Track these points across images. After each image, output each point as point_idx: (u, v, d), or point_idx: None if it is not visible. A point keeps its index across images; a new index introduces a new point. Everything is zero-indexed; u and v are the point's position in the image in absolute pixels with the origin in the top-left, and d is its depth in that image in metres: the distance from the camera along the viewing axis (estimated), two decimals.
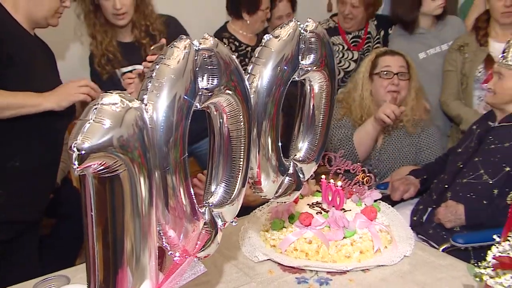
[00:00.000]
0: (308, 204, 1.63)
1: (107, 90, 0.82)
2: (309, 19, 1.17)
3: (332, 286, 1.36)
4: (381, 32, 3.18)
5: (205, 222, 1.00)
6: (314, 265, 1.42)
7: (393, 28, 2.98)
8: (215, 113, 1.02)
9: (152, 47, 1.96)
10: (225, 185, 1.05)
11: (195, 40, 0.94)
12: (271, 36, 1.11)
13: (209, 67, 0.94)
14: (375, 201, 1.66)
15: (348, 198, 1.64)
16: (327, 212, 1.56)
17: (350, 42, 3.13)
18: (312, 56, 1.15)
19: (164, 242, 0.95)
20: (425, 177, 2.24)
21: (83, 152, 0.73)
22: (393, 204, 2.21)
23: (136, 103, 0.83)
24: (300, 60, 1.14)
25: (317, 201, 1.64)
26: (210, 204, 1.03)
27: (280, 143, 1.16)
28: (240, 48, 2.98)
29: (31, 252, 1.90)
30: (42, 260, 2.14)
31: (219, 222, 1.03)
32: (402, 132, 2.41)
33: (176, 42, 0.92)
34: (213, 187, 1.05)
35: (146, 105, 0.86)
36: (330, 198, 1.58)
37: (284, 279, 1.40)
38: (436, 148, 2.46)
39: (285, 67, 1.10)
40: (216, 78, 0.94)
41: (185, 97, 0.90)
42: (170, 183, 0.91)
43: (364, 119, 2.34)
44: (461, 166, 2.05)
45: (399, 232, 1.60)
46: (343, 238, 1.47)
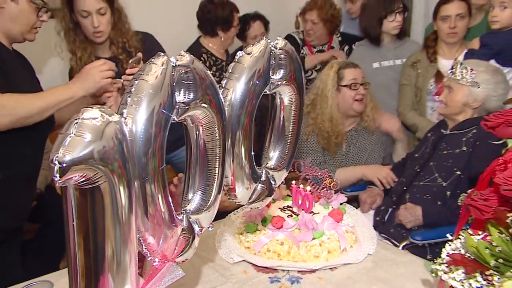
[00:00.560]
0: (279, 208, 1.62)
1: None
2: (278, 37, 1.16)
3: (303, 284, 1.35)
4: (345, 47, 3.32)
5: (183, 229, 0.98)
6: (285, 265, 1.41)
7: (357, 42, 3.03)
8: (191, 125, 1.01)
9: (130, 61, 1.93)
10: (201, 193, 1.03)
11: (172, 56, 0.93)
12: (243, 53, 1.10)
13: (186, 82, 0.92)
14: (341, 204, 1.66)
15: (316, 202, 1.64)
16: (297, 215, 1.55)
17: (315, 54, 3.28)
18: (281, 71, 1.15)
19: (143, 249, 0.93)
20: None
21: (64, 165, 0.71)
22: (358, 205, 2.23)
23: (115, 117, 0.80)
24: (271, 75, 1.13)
25: (288, 205, 1.64)
26: (188, 211, 1.01)
27: (253, 152, 1.15)
28: (217, 62, 2.99)
29: (13, 258, 1.83)
30: (27, 264, 2.09)
31: (196, 228, 1.01)
32: (363, 133, 2.42)
33: (154, 58, 0.90)
34: (190, 195, 1.03)
35: (125, 118, 0.84)
36: (300, 202, 1.58)
37: (258, 278, 1.38)
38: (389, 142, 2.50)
39: (257, 82, 1.09)
40: (192, 92, 0.93)
41: (163, 110, 0.88)
42: (149, 192, 0.89)
43: (331, 130, 2.32)
44: (418, 170, 2.08)
45: (363, 232, 1.60)
46: (312, 239, 1.46)
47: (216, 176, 1.03)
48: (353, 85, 2.29)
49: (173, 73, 0.90)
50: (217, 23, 2.95)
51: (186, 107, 0.93)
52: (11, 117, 1.54)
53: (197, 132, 1.01)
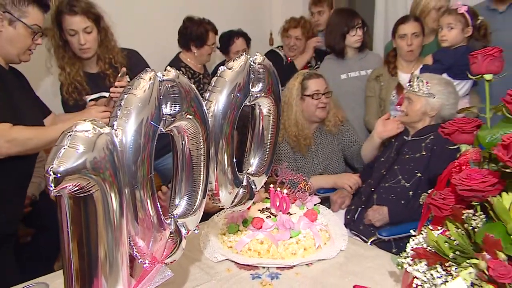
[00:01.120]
0: (259, 210, 1.61)
1: None
2: (257, 53, 1.16)
3: (282, 279, 1.35)
4: (319, 63, 3.34)
5: (171, 232, 0.96)
6: (265, 262, 1.41)
7: (326, 56, 3.07)
8: (177, 135, 0.99)
9: (119, 76, 1.92)
10: (187, 198, 1.02)
11: (159, 72, 0.92)
12: (225, 68, 1.10)
13: (172, 96, 0.91)
14: (315, 205, 1.67)
15: (292, 203, 1.63)
16: (275, 216, 1.55)
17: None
18: (260, 84, 1.15)
19: (134, 251, 0.91)
20: None
21: (58, 175, 0.69)
22: (330, 205, 2.25)
23: (106, 129, 0.79)
24: (250, 88, 1.13)
25: (266, 207, 1.63)
26: (175, 215, 1.00)
27: (234, 159, 1.14)
28: (195, 75, 2.99)
29: (8, 261, 1.77)
30: (23, 267, 2.04)
31: (183, 231, 1.00)
32: (328, 136, 2.44)
33: (142, 74, 0.89)
34: (177, 200, 1.02)
35: (116, 130, 0.83)
36: (277, 204, 1.57)
37: (241, 275, 1.37)
38: (359, 142, 2.51)
39: (238, 94, 1.09)
40: (178, 105, 0.92)
41: (151, 122, 0.87)
42: (139, 198, 0.88)
43: (297, 134, 2.35)
44: (384, 172, 2.10)
45: (336, 230, 1.61)
46: (290, 238, 1.46)
47: (201, 182, 1.02)
48: (315, 94, 2.32)
49: (160, 87, 0.89)
50: (191, 39, 2.96)
51: (173, 119, 0.92)
52: (20, 148, 1.57)
53: (183, 141, 1.00)
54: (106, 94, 2.08)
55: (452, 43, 2.41)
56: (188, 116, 0.95)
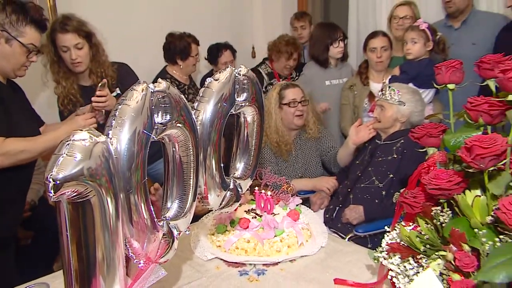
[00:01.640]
0: (245, 211, 1.61)
1: None
2: (241, 66, 1.17)
3: (268, 275, 1.35)
4: (298, 74, 3.35)
5: (163, 233, 0.95)
6: (252, 259, 1.40)
7: (308, 64, 3.07)
8: (168, 142, 0.99)
9: (99, 85, 1.91)
10: (178, 201, 1.02)
11: (151, 83, 0.92)
12: (212, 79, 1.10)
13: (163, 106, 0.91)
14: (297, 205, 1.67)
15: (276, 204, 1.64)
16: (260, 216, 1.55)
17: (280, 80, 3.27)
18: (245, 94, 1.15)
19: (130, 252, 0.90)
20: None
21: (57, 182, 0.69)
22: (310, 205, 2.26)
23: (102, 138, 0.79)
24: (235, 97, 1.13)
25: (252, 208, 1.63)
26: (167, 218, 0.99)
27: (222, 164, 1.14)
28: (180, 86, 2.99)
29: (8, 264, 1.73)
30: (24, 268, 2.05)
31: (175, 232, 0.99)
32: (307, 142, 2.46)
33: (135, 86, 0.89)
34: (169, 204, 1.01)
35: (111, 139, 0.82)
36: (262, 205, 1.57)
37: (229, 272, 1.37)
38: (336, 147, 2.52)
39: (224, 104, 1.09)
40: (169, 114, 0.92)
41: (144, 131, 0.87)
42: (133, 202, 0.87)
43: (278, 140, 2.36)
44: (359, 174, 2.11)
45: (316, 228, 1.61)
46: (274, 236, 1.46)
47: (191, 186, 1.02)
48: (291, 103, 2.34)
49: (151, 98, 0.89)
50: (175, 53, 2.96)
51: (164, 127, 0.92)
52: (13, 160, 1.56)
53: (173, 148, 1.00)
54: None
55: (416, 56, 2.49)
56: (178, 124, 0.94)
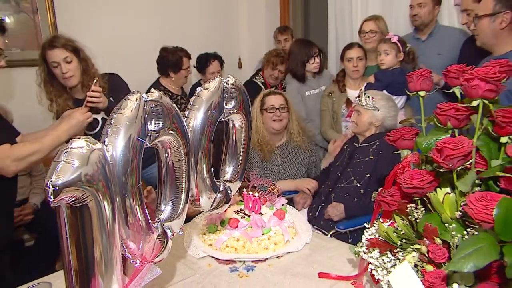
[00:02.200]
0: (234, 211, 1.60)
1: None
2: (229, 75, 1.17)
3: (256, 271, 1.35)
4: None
5: (158, 234, 0.94)
6: (242, 257, 1.40)
7: (288, 79, 3.09)
8: (161, 148, 0.98)
9: (93, 83, 1.93)
10: (171, 204, 1.01)
11: (144, 93, 0.91)
12: (202, 89, 1.10)
13: (156, 114, 0.91)
14: (282, 205, 1.67)
15: (263, 205, 1.64)
16: (249, 216, 1.55)
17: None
18: (233, 102, 1.15)
19: (126, 253, 0.89)
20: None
21: (57, 188, 0.68)
22: (293, 205, 2.26)
23: (99, 145, 0.78)
24: (224, 105, 1.13)
25: (241, 208, 1.62)
26: (161, 220, 0.98)
27: (212, 168, 1.14)
28: (172, 97, 2.96)
29: (3, 270, 1.68)
30: (28, 267, 2.09)
31: (169, 233, 0.99)
32: (296, 148, 2.46)
33: (129, 95, 0.88)
34: (162, 206, 1.00)
35: (107, 146, 0.81)
36: (250, 206, 1.57)
37: (220, 269, 1.36)
38: (320, 161, 2.55)
39: (214, 111, 1.09)
40: (161, 122, 0.92)
41: (138, 138, 0.86)
42: (129, 205, 0.86)
43: (259, 140, 2.37)
44: (339, 175, 2.12)
45: (301, 226, 1.62)
46: (262, 234, 1.46)
47: (183, 189, 1.02)
48: (269, 109, 2.36)
49: (145, 107, 0.89)
50: (168, 66, 2.95)
51: (157, 134, 0.91)
52: (26, 164, 1.52)
53: (166, 154, 0.99)
54: (97, 116, 2.06)
55: (389, 65, 2.55)
56: (171, 131, 0.94)
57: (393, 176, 1.08)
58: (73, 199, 0.72)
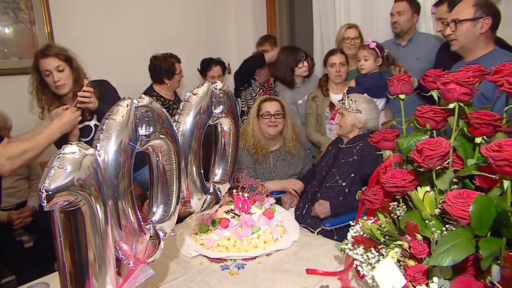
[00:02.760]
0: (225, 211, 1.60)
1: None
2: (217, 81, 1.16)
3: (247, 268, 1.34)
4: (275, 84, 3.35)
5: (150, 236, 0.93)
6: (232, 255, 1.40)
7: (278, 89, 3.08)
8: (152, 152, 0.97)
9: (85, 83, 1.93)
10: (163, 206, 1.00)
11: (135, 99, 0.90)
12: (191, 94, 1.09)
13: (146, 119, 0.90)
14: (271, 205, 1.67)
15: (252, 205, 1.63)
16: (239, 216, 1.54)
17: (260, 86, 3.27)
18: (221, 106, 1.15)
19: (120, 254, 0.87)
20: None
21: (50, 192, 0.66)
22: (281, 204, 2.26)
23: (91, 150, 0.76)
24: (213, 110, 1.13)
25: (231, 209, 1.62)
26: (153, 221, 0.97)
27: (202, 170, 1.13)
28: (165, 103, 2.93)
29: None
30: (27, 268, 2.07)
31: (161, 234, 0.98)
32: (288, 154, 2.47)
33: (120, 101, 0.87)
34: (154, 209, 0.99)
35: (99, 151, 0.80)
36: (240, 206, 1.57)
37: (212, 268, 1.35)
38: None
39: (203, 116, 1.08)
40: (152, 127, 0.91)
41: (129, 142, 0.85)
42: (121, 208, 0.85)
43: (254, 143, 2.37)
44: (324, 175, 2.13)
45: (289, 224, 1.62)
46: (252, 233, 1.46)
47: (174, 191, 1.01)
48: (265, 115, 2.36)
49: (136, 112, 0.88)
50: (161, 73, 2.92)
51: (148, 139, 0.91)
52: (21, 162, 1.51)
53: (157, 158, 0.98)
54: (89, 123, 2.04)
55: (368, 70, 2.58)
56: (161, 136, 0.93)
57: (376, 175, 1.09)
58: (66, 203, 0.70)
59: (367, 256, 0.99)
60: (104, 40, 3.20)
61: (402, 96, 1.08)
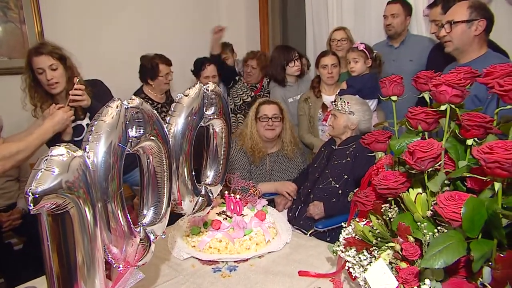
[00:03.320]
0: (216, 213, 1.59)
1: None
2: (209, 82, 1.15)
3: (239, 270, 1.33)
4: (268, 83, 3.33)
5: (141, 238, 0.92)
6: (224, 257, 1.39)
7: (271, 87, 3.09)
8: (143, 154, 0.96)
9: (76, 81, 1.90)
10: (154, 208, 0.99)
11: (125, 100, 0.89)
12: (182, 95, 1.08)
13: (137, 120, 0.89)
14: (263, 206, 1.67)
15: (244, 206, 1.63)
16: (231, 218, 1.54)
17: (251, 88, 3.28)
18: (213, 108, 1.14)
19: (109, 258, 0.86)
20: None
21: (36, 195, 0.65)
22: (274, 206, 2.25)
23: (79, 152, 0.75)
24: (204, 111, 1.12)
25: (223, 210, 1.61)
26: (144, 224, 0.96)
27: (193, 172, 1.12)
28: (153, 105, 2.89)
29: None
30: (16, 270, 2.05)
31: (152, 237, 0.96)
32: (285, 157, 2.46)
33: (110, 103, 0.86)
34: (145, 211, 0.98)
35: (88, 152, 0.78)
36: (232, 207, 1.56)
37: (204, 270, 1.34)
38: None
39: (194, 117, 1.07)
40: (142, 128, 0.90)
41: (119, 144, 0.84)
42: (111, 210, 0.84)
43: (252, 146, 2.36)
44: (317, 176, 2.13)
45: (281, 226, 1.61)
46: (244, 235, 1.45)
47: (165, 194, 1.00)
48: (262, 117, 2.35)
49: (126, 114, 0.86)
50: (146, 74, 2.89)
51: (138, 140, 0.90)
52: (13, 162, 1.50)
53: (148, 160, 0.97)
54: (81, 122, 2.01)
55: (359, 72, 2.60)
56: (152, 137, 0.92)
57: (368, 177, 1.09)
58: (54, 206, 0.69)
59: (359, 258, 0.99)
60: (96, 40, 3.17)
61: (394, 98, 1.08)
